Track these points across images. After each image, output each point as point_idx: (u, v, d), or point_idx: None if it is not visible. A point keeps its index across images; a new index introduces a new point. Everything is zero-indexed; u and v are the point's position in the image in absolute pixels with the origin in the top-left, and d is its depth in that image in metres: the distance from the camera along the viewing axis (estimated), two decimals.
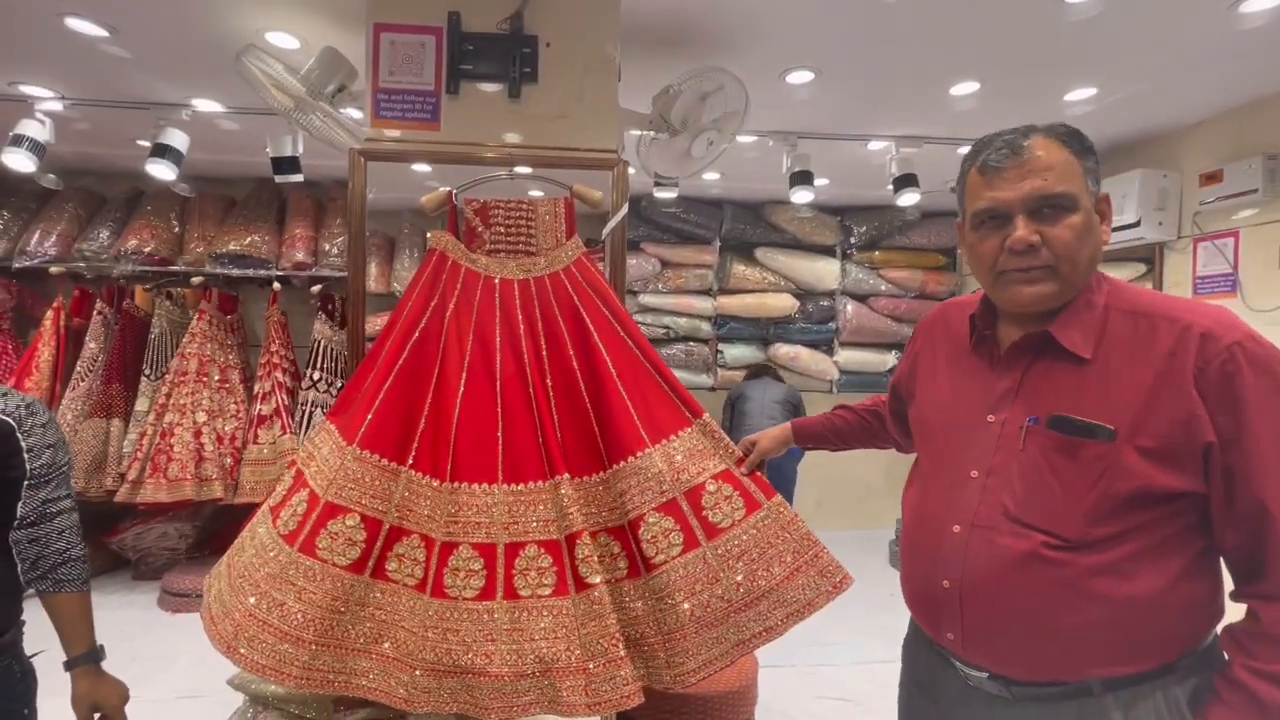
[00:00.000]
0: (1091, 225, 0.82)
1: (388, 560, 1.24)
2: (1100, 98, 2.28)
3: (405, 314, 1.37)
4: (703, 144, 1.83)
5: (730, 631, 1.19)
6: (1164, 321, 0.79)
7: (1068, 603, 0.78)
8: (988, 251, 0.84)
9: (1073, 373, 0.82)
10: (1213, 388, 0.75)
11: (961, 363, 0.95)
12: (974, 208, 0.85)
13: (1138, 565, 0.78)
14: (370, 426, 1.28)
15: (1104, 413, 0.78)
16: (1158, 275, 2.74)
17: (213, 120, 2.51)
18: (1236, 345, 0.75)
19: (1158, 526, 0.78)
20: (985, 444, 0.86)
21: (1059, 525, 0.79)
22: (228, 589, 1.22)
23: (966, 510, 0.85)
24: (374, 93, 1.48)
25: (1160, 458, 0.76)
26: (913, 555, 0.95)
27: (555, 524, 1.24)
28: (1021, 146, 0.81)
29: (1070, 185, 0.80)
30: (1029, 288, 0.82)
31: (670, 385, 1.34)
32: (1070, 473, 0.79)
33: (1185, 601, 0.80)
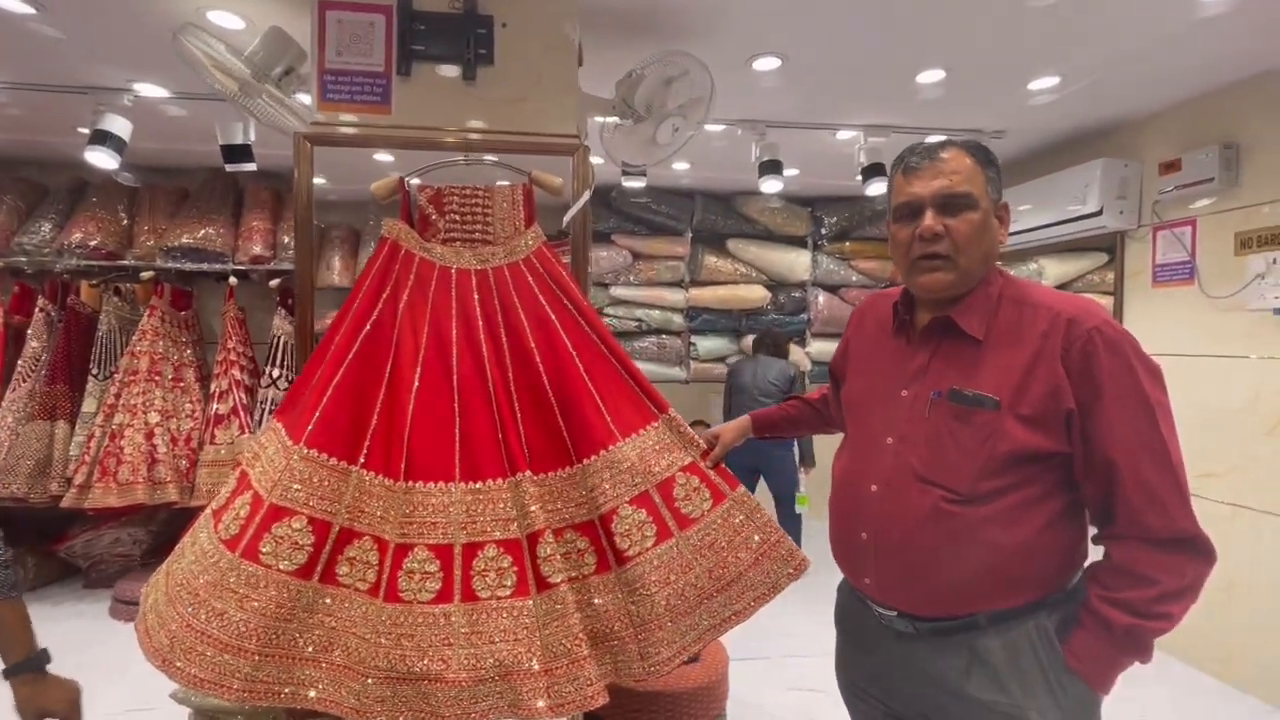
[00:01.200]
0: (989, 225, 0.98)
1: (338, 564, 1.18)
2: (1063, 86, 2.29)
3: (356, 306, 1.31)
4: (668, 130, 1.79)
5: (703, 617, 1.19)
6: (1041, 309, 0.95)
7: (962, 548, 0.92)
8: (904, 240, 1.00)
9: (969, 352, 0.97)
10: (1075, 365, 0.90)
11: (885, 345, 1.10)
12: (896, 202, 1.02)
13: (1017, 515, 0.92)
14: (318, 424, 1.22)
15: (992, 386, 0.93)
16: (1119, 263, 2.78)
17: (157, 106, 2.38)
18: (1095, 330, 0.90)
19: (1033, 482, 0.92)
20: (899, 414, 1.01)
21: (955, 481, 0.93)
22: (164, 599, 1.15)
23: (882, 471, 1.00)
24: (320, 74, 1.41)
25: (1034, 423, 0.90)
26: (838, 513, 1.08)
27: (516, 522, 1.19)
28: (936, 153, 0.98)
29: (972, 187, 0.96)
30: (931, 274, 0.98)
31: (635, 379, 1.31)
32: (963, 436, 0.93)
33: (1055, 546, 0.94)
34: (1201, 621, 2.24)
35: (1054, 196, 2.82)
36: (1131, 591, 0.88)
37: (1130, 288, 2.73)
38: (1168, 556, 0.87)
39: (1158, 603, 0.87)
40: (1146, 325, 2.65)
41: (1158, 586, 0.87)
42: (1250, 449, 2.24)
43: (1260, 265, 2.18)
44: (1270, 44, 2.02)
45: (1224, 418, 2.32)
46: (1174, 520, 0.87)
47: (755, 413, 1.36)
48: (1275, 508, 2.17)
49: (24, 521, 2.96)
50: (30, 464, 2.79)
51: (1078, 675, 0.91)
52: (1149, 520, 0.87)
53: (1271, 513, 2.18)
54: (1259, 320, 2.21)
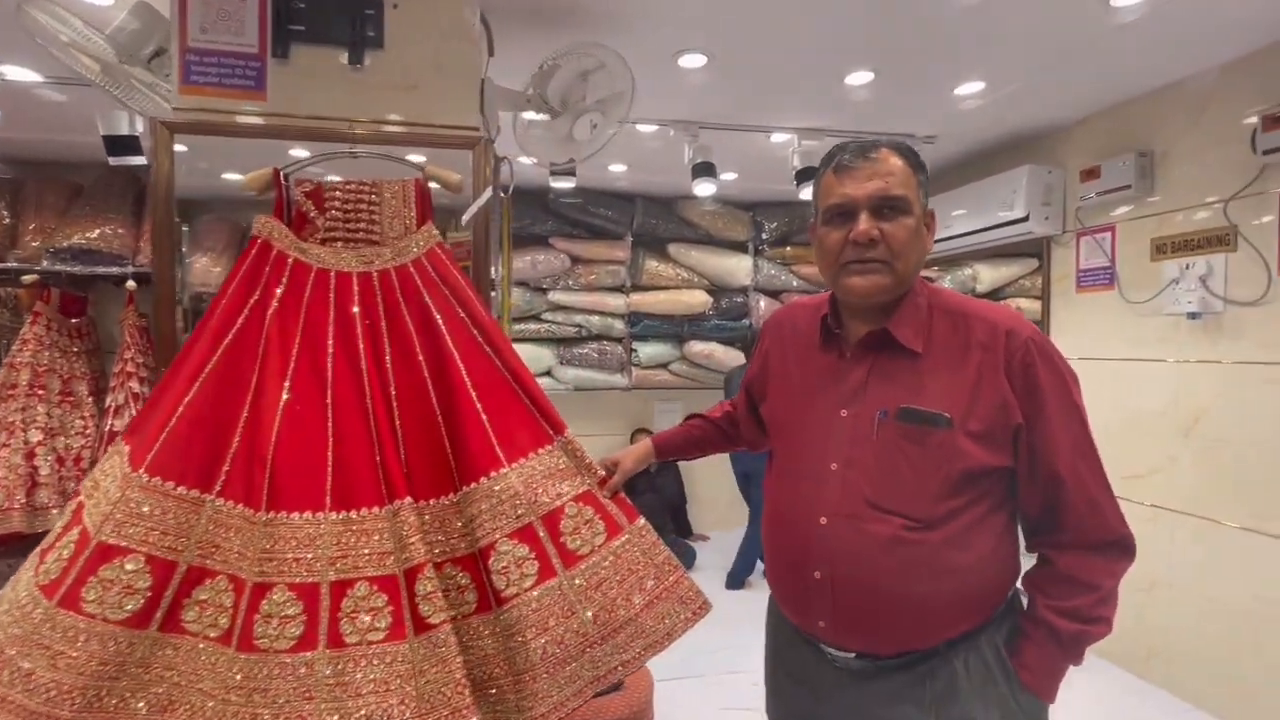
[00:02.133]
0: (920, 230, 0.94)
1: (184, 609, 1.03)
2: (988, 92, 2.30)
3: (218, 313, 1.16)
4: (585, 126, 1.70)
5: (585, 667, 1.06)
6: (975, 320, 0.92)
7: (925, 577, 0.88)
8: (834, 244, 0.94)
9: (909, 367, 0.92)
10: (1017, 377, 0.88)
11: (811, 360, 1.03)
12: (826, 203, 0.95)
13: (971, 535, 0.89)
14: (163, 448, 1.07)
15: (940, 402, 0.89)
16: (1045, 269, 2.82)
17: (30, 91, 2.15)
18: (1030, 340, 0.89)
19: (982, 499, 0.90)
20: (841, 437, 0.94)
21: (913, 506, 0.88)
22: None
23: (830, 501, 0.92)
24: (182, 54, 1.26)
25: (984, 439, 0.88)
26: (781, 550, 1.00)
27: (393, 556, 1.07)
28: (870, 153, 0.92)
29: (907, 191, 0.92)
30: (866, 278, 0.92)
31: (531, 397, 1.19)
32: (917, 458, 0.88)
33: (1002, 561, 0.93)
34: (1125, 621, 2.27)
35: (984, 202, 2.85)
36: (1078, 599, 0.88)
37: (1056, 292, 2.78)
38: (1105, 560, 0.89)
39: (1099, 606, 0.89)
40: (1072, 330, 2.70)
41: (1099, 591, 0.89)
42: (1169, 451, 2.28)
43: (1174, 271, 2.23)
44: (1180, 55, 2.06)
45: (1145, 420, 2.36)
46: (1111, 525, 0.89)
47: (658, 435, 1.27)
48: (1193, 508, 2.21)
49: None
50: None
51: (1030, 688, 0.90)
52: (1091, 528, 0.88)
53: (1189, 513, 2.22)
54: (1174, 324, 2.26)
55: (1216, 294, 2.11)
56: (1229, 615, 2.08)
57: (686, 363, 3.83)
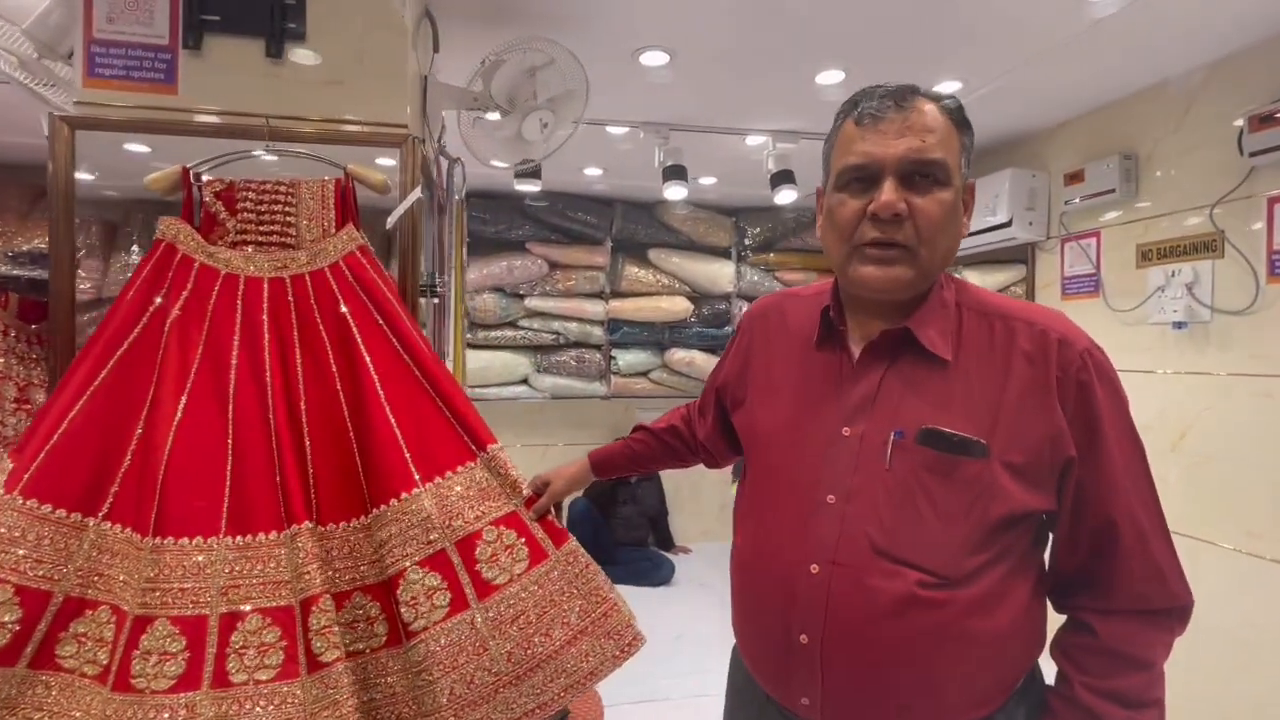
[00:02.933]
0: (958, 209, 0.76)
1: (59, 643, 0.95)
2: (965, 92, 2.22)
3: (114, 321, 1.08)
4: (535, 125, 1.62)
5: (497, 710, 0.97)
6: (1016, 323, 0.75)
7: (946, 650, 0.70)
8: (848, 217, 0.75)
9: (934, 378, 0.75)
10: (1071, 398, 0.71)
11: (806, 364, 0.83)
12: (842, 163, 0.75)
13: (1000, 595, 0.72)
14: (41, 468, 0.99)
15: (972, 424, 0.71)
16: (1030, 275, 2.74)
17: None
18: (1086, 352, 0.72)
19: (1012, 551, 0.73)
20: (841, 462, 0.75)
21: (935, 559, 0.70)
22: None
23: (824, 545, 0.73)
24: (86, 45, 1.18)
25: (1026, 475, 0.71)
26: (755, 604, 0.80)
27: (289, 586, 0.98)
28: (906, 99, 0.74)
29: (948, 155, 0.73)
30: (883, 269, 0.74)
31: (454, 410, 1.11)
32: (944, 497, 0.70)
33: (1033, 626, 0.76)
34: None
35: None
36: (1125, 678, 0.72)
37: (1040, 300, 2.69)
38: (1161, 632, 0.73)
39: (1151, 687, 0.73)
40: None
41: (1152, 670, 0.73)
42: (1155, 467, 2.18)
43: (1160, 278, 2.14)
44: (1164, 54, 1.98)
45: None
46: (1173, 589, 0.73)
47: (596, 451, 1.15)
48: (1181, 528, 2.12)
49: None
50: None
51: None
52: (1149, 591, 0.72)
53: (1177, 533, 2.12)
54: (1160, 334, 2.17)
55: (1203, 302, 2.02)
56: (1220, 643, 1.98)
57: (667, 370, 3.74)
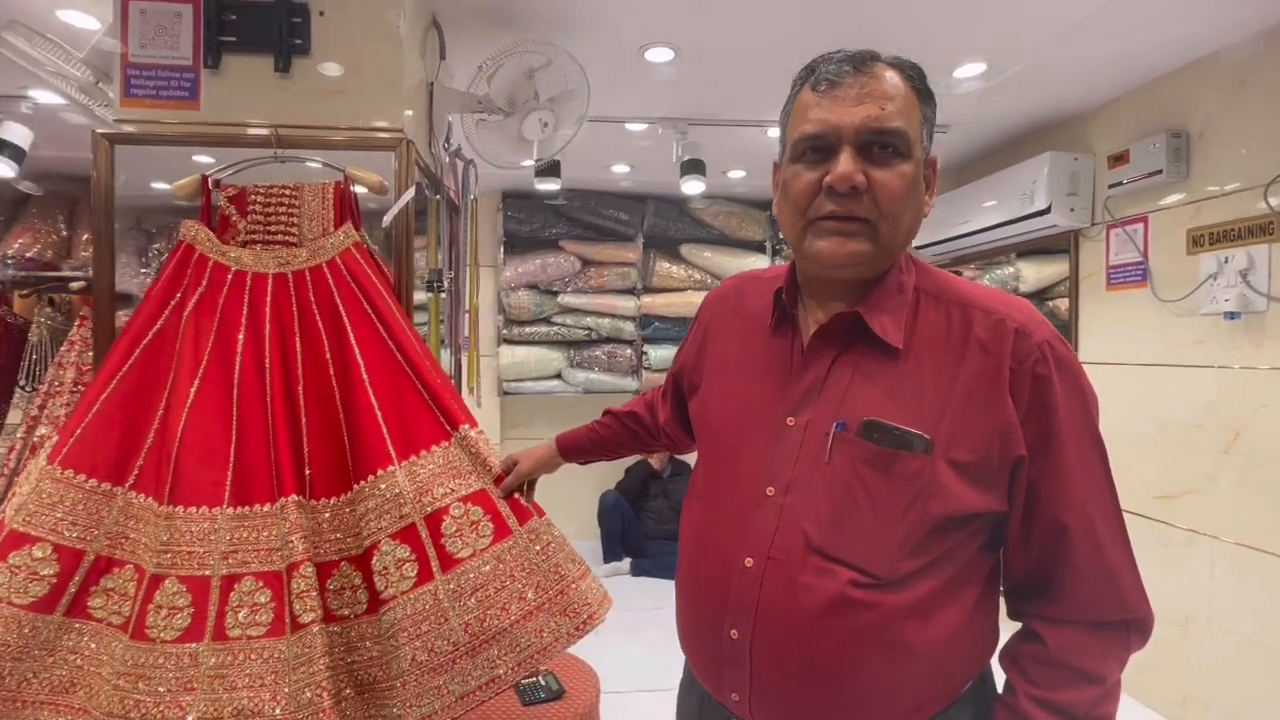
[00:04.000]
0: (919, 184, 0.71)
1: (91, 596, 1.08)
2: (991, 74, 2.13)
3: (141, 314, 1.22)
4: (535, 125, 1.68)
5: (454, 681, 1.03)
6: (975, 311, 0.70)
7: (877, 654, 0.67)
8: (802, 190, 0.70)
9: (884, 367, 0.71)
10: (1024, 393, 0.66)
11: (758, 348, 0.80)
12: (798, 132, 0.71)
13: (940, 601, 0.68)
14: (77, 442, 1.12)
15: (918, 418, 0.67)
16: (1073, 265, 2.58)
17: (58, 114, 2.35)
18: (1046, 343, 0.68)
19: (958, 552, 0.69)
20: (784, 453, 0.72)
21: (869, 559, 0.66)
22: None
23: (761, 539, 0.70)
24: (124, 69, 1.33)
25: (972, 474, 0.67)
26: (693, 595, 0.78)
27: (278, 553, 1.08)
28: (865, 64, 0.69)
29: (908, 125, 0.68)
30: (839, 242, 0.69)
31: (431, 393, 1.18)
32: (883, 493, 0.67)
33: (979, 631, 0.72)
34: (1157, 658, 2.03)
35: (1003, 195, 2.64)
36: (1074, 691, 0.68)
37: (1084, 291, 2.54)
38: (1114, 645, 0.69)
39: (1101, 704, 0.68)
40: (1101, 332, 2.45)
41: (1103, 684, 0.68)
42: (1207, 469, 2.03)
43: (1212, 265, 1.98)
44: (1214, 21, 1.83)
45: (1179, 433, 2.11)
46: (1128, 601, 0.69)
47: (563, 434, 1.17)
48: (1234, 534, 1.96)
49: None
50: None
51: None
52: (1100, 600, 0.68)
53: (1230, 540, 1.97)
54: (1211, 325, 2.01)
55: (1259, 290, 1.86)
56: (1276, 654, 1.82)
57: None
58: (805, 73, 0.74)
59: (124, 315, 1.35)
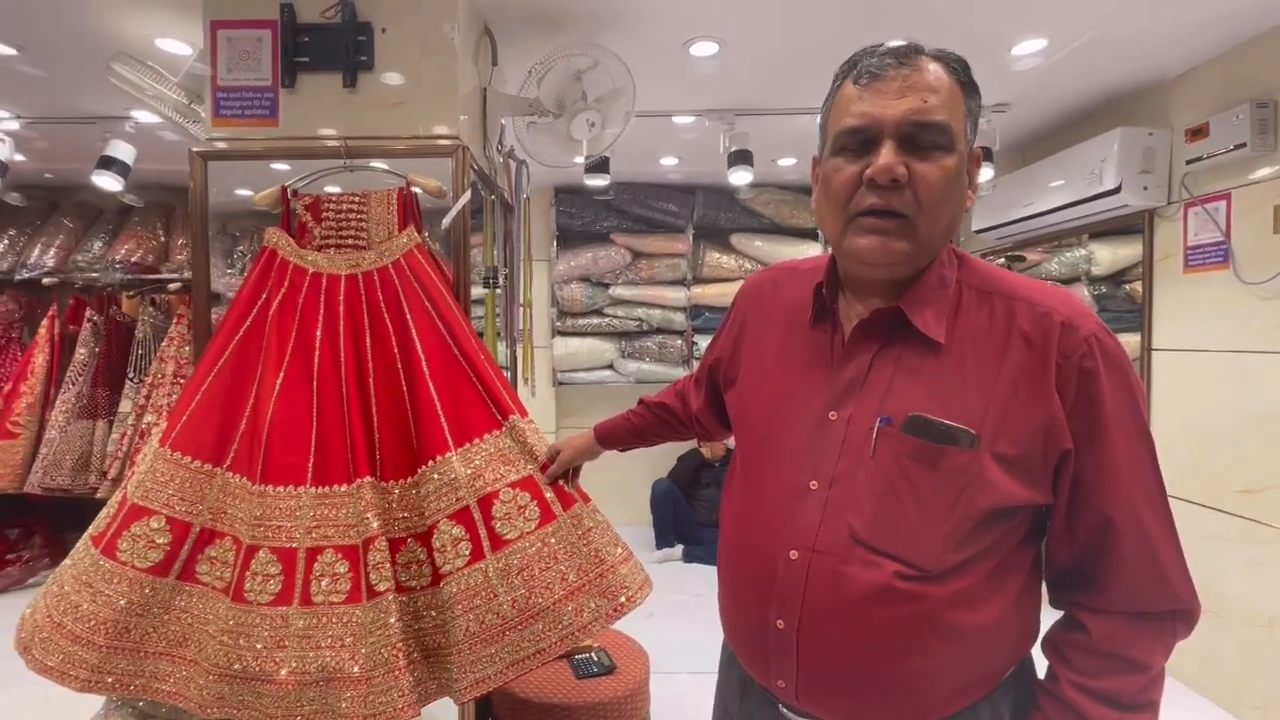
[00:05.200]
0: (962, 177, 0.71)
1: (198, 563, 1.23)
2: (1052, 49, 2.04)
3: (233, 314, 1.36)
4: (583, 125, 1.74)
5: (505, 650, 1.12)
6: (1019, 304, 0.70)
7: (922, 643, 0.68)
8: (843, 183, 0.71)
9: (926, 362, 0.71)
10: (1071, 386, 0.67)
11: (797, 343, 0.81)
12: (839, 125, 0.71)
13: (984, 591, 0.69)
14: (183, 428, 1.27)
15: (963, 413, 0.68)
16: (1147, 246, 2.45)
17: (155, 131, 2.58)
18: (1093, 336, 0.67)
19: (1003, 543, 0.70)
20: (827, 448, 0.73)
21: (915, 552, 0.68)
22: (42, 591, 1.24)
23: (805, 532, 0.72)
24: (214, 93, 1.47)
25: (1018, 468, 0.67)
26: (737, 587, 0.81)
27: (354, 529, 1.20)
28: (908, 57, 0.69)
29: (951, 118, 0.68)
30: (879, 240, 0.70)
31: (484, 385, 1.27)
32: (929, 487, 0.68)
33: (1022, 620, 0.73)
34: (1239, 662, 1.93)
35: (1068, 175, 2.52)
36: (1117, 679, 0.69)
37: (1159, 273, 2.40)
38: (1160, 635, 0.70)
39: (1146, 690, 0.69)
40: (1178, 317, 2.32)
41: (1148, 673, 0.69)
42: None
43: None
44: None
45: (1263, 424, 1.98)
46: (1175, 592, 0.69)
47: (600, 424, 1.21)
48: None
49: (77, 511, 3.32)
50: (72, 460, 3.11)
51: None
52: (1146, 592, 0.69)
53: None
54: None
55: None
56: None
57: None
58: (847, 66, 0.74)
59: (215, 313, 1.50)
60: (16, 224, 3.51)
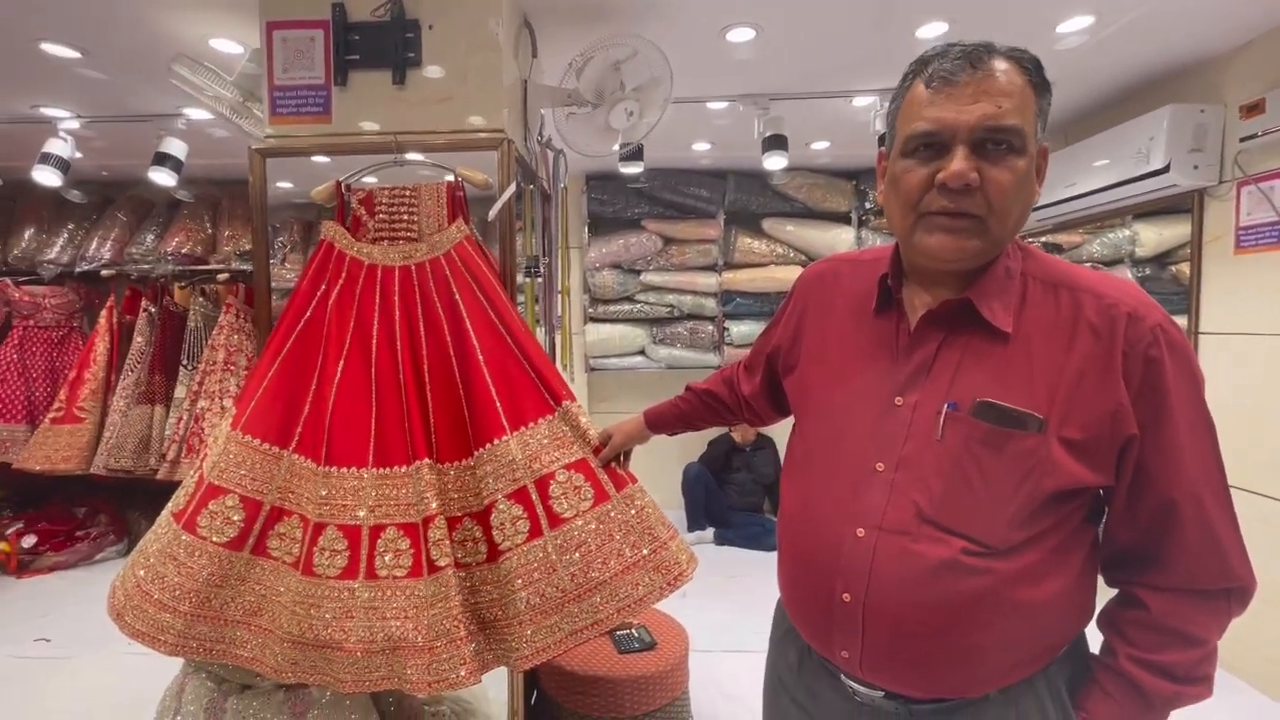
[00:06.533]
0: (1031, 177, 0.72)
1: (269, 539, 1.31)
2: (1099, 26, 1.98)
3: (294, 303, 1.42)
4: (621, 115, 1.77)
5: (564, 621, 1.18)
6: (1085, 295, 0.72)
7: (985, 616, 0.71)
8: (913, 186, 0.73)
9: (993, 350, 0.73)
10: (1136, 374, 0.69)
11: (861, 331, 0.83)
12: (909, 129, 0.72)
13: (1047, 568, 0.72)
14: (252, 412, 1.35)
15: (1030, 399, 0.71)
16: (1196, 226, 2.38)
17: (205, 129, 2.68)
18: (1158, 327, 0.69)
19: (1065, 523, 0.73)
20: (893, 432, 0.76)
21: (982, 530, 0.71)
22: (130, 563, 1.34)
23: (872, 511, 0.75)
24: (270, 92, 1.53)
25: (1084, 452, 0.70)
26: (802, 563, 0.83)
27: (414, 508, 1.26)
28: (981, 60, 0.69)
29: (1024, 121, 0.69)
30: (951, 239, 0.72)
31: (537, 371, 1.32)
32: (996, 469, 0.70)
33: (1081, 597, 0.76)
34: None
35: (1115, 154, 2.46)
36: (1174, 653, 0.72)
37: (1209, 255, 2.34)
38: (1216, 612, 0.73)
39: (1201, 664, 0.73)
40: (1228, 299, 2.26)
41: (1204, 647, 0.72)
42: None
43: None
44: None
45: None
46: (1233, 570, 0.72)
47: (650, 409, 1.26)
48: None
49: (138, 491, 3.51)
50: (134, 443, 3.27)
51: None
52: (1205, 570, 0.71)
53: None
54: None
55: None
56: None
57: None
58: (918, 65, 0.75)
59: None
60: (75, 219, 3.67)
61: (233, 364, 3.36)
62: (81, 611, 2.77)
